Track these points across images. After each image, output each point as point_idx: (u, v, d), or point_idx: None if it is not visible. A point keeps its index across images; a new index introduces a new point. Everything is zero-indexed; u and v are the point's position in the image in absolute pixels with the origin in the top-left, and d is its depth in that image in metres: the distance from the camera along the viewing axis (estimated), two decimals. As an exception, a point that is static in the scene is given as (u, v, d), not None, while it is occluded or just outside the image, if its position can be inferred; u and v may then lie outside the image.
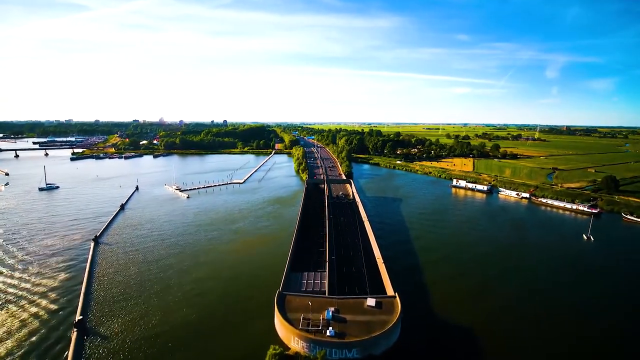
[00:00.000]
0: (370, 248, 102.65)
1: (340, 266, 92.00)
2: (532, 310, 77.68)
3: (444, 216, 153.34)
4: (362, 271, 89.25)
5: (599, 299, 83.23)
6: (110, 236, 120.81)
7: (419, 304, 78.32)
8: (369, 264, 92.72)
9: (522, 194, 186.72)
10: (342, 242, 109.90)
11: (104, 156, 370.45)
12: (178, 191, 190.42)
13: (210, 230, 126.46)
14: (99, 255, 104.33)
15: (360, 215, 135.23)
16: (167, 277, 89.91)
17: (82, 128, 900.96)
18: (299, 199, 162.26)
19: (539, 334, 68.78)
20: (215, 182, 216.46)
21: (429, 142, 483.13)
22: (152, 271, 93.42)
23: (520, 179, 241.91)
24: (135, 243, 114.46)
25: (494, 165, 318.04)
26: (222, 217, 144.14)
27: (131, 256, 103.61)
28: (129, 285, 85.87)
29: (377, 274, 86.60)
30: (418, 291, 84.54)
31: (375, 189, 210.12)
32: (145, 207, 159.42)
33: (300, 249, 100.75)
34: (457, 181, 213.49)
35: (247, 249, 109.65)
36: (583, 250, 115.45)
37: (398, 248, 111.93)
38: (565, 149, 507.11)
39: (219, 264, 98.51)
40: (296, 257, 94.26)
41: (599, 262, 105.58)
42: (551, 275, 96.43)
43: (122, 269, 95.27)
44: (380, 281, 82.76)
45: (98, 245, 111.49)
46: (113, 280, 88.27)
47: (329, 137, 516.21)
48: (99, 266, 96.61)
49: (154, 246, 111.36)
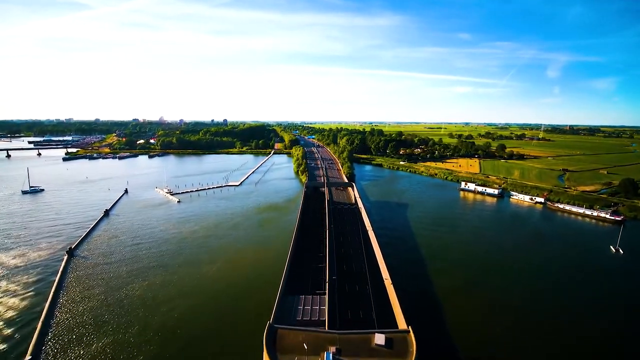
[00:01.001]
0: (376, 263, 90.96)
1: (342, 285, 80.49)
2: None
3: (455, 225, 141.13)
4: (368, 293, 77.69)
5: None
6: (87, 248, 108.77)
7: (438, 340, 66.53)
8: (375, 283, 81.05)
9: (536, 199, 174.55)
10: (344, 255, 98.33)
11: (98, 156, 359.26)
12: (169, 195, 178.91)
13: (195, 246, 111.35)
14: (71, 272, 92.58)
15: (363, 223, 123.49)
16: (135, 306, 76.55)
17: (81, 127, 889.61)
18: (297, 205, 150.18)
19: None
20: (209, 185, 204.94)
21: (432, 142, 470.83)
22: (120, 298, 79.85)
23: (531, 182, 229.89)
24: (112, 258, 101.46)
25: (501, 166, 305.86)
26: (211, 227, 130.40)
27: (104, 276, 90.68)
28: (97, 315, 73.83)
29: (385, 297, 74.92)
30: (435, 322, 72.69)
31: (379, 192, 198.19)
32: (131, 214, 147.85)
33: (297, 266, 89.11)
34: (466, 184, 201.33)
35: (235, 269, 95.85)
36: (614, 266, 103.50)
37: (406, 263, 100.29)
38: (572, 149, 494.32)
39: (202, 288, 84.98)
40: (292, 277, 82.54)
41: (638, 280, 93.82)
42: (584, 299, 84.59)
43: (92, 292, 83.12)
44: (389, 308, 71.02)
45: (72, 259, 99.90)
46: (79, 308, 75.97)
47: (329, 136, 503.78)
48: (67, 287, 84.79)
49: (130, 264, 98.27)
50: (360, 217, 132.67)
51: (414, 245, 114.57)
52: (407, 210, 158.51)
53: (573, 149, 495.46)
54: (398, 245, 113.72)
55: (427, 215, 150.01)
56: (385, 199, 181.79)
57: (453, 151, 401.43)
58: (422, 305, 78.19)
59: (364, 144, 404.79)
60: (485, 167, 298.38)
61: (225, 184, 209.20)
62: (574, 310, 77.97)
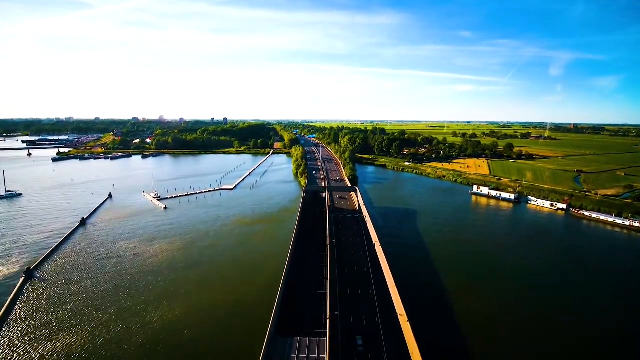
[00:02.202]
0: (387, 291, 76.31)
1: (346, 321, 65.91)
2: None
3: (473, 238, 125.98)
4: (378, 331, 63.04)
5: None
6: (49, 270, 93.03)
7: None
8: (386, 320, 66.32)
9: (558, 205, 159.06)
10: (348, 276, 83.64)
11: (89, 157, 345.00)
12: (156, 200, 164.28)
13: (170, 270, 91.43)
14: (24, 300, 78.13)
15: (370, 236, 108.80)
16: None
17: (78, 126, 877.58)
18: (294, 214, 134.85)
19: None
20: (201, 189, 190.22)
21: (436, 141, 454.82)
22: (74, 341, 64.42)
23: (546, 184, 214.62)
24: (71, 287, 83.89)
25: (512, 167, 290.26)
26: (191, 246, 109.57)
27: (58, 307, 75.09)
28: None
29: (400, 338, 60.24)
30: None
31: (384, 197, 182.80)
32: (110, 223, 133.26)
33: (290, 298, 74.32)
34: (479, 188, 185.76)
35: (213, 305, 75.98)
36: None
37: (420, 289, 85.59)
38: (580, 148, 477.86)
39: (171, 331, 67.43)
40: (284, 313, 67.80)
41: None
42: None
43: (39, 326, 68.64)
44: (405, 353, 56.38)
45: (28, 282, 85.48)
46: (19, 345, 61.90)
47: (331, 135, 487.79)
48: (14, 319, 70.45)
49: (88, 296, 79.75)
50: (365, 227, 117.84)
51: (428, 264, 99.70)
52: (417, 219, 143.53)
53: (581, 148, 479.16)
54: (410, 264, 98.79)
55: (439, 225, 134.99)
56: (391, 205, 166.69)
57: (459, 151, 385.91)
58: (440, 340, 63.39)
59: (366, 144, 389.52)
60: (495, 168, 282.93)
61: (218, 187, 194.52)
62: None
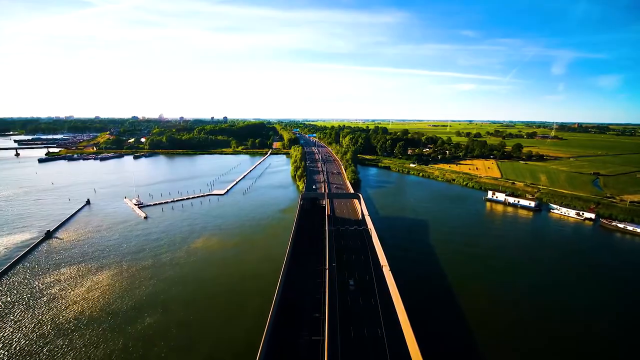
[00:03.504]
0: (399, 330, 60.16)
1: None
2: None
3: (495, 253, 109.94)
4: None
5: None
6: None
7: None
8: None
9: (585, 214, 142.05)
10: (351, 314, 67.44)
11: (78, 157, 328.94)
12: (137, 208, 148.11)
13: (96, 324, 68.34)
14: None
15: (375, 254, 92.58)
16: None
17: (75, 125, 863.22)
18: (288, 226, 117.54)
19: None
20: (189, 194, 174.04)
21: (440, 141, 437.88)
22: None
23: (564, 189, 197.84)
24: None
25: (523, 169, 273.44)
26: (159, 270, 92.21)
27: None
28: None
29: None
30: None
31: (390, 204, 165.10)
32: (78, 236, 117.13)
33: (279, 352, 58.21)
34: (494, 194, 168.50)
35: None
36: None
37: (436, 326, 69.35)
38: (590, 148, 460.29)
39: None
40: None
41: None
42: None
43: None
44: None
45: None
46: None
47: (331, 135, 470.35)
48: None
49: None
50: (370, 243, 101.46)
51: (445, 291, 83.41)
52: (428, 231, 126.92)
53: (591, 148, 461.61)
54: (424, 289, 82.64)
55: (454, 239, 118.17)
56: (398, 213, 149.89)
57: (465, 151, 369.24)
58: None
59: (369, 144, 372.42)
60: (506, 170, 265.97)
61: (208, 192, 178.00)
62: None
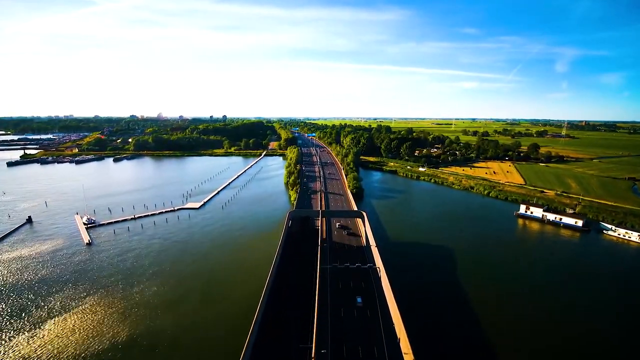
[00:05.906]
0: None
1: None
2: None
3: (540, 302, 79.83)
4: None
5: None
6: None
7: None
8: None
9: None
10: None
11: (53, 160, 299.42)
12: (85, 228, 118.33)
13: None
14: None
15: (385, 305, 62.63)
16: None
17: (67, 124, 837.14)
18: (264, 264, 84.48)
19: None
20: (158, 207, 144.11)
21: (448, 141, 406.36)
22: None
23: (601, 198, 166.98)
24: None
25: (547, 173, 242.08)
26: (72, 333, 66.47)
27: None
28: None
29: None
30: None
31: (399, 223, 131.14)
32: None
33: None
34: (528, 209, 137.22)
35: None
36: None
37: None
38: (607, 148, 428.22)
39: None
40: None
41: None
42: None
43: None
44: None
45: None
46: None
47: (332, 134, 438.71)
48: None
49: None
50: (379, 286, 71.10)
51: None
52: (450, 266, 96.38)
53: (607, 148, 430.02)
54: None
55: (486, 283, 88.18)
56: (410, 238, 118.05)
57: (477, 152, 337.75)
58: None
59: (372, 144, 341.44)
60: (528, 174, 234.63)
61: (180, 205, 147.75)
62: None
